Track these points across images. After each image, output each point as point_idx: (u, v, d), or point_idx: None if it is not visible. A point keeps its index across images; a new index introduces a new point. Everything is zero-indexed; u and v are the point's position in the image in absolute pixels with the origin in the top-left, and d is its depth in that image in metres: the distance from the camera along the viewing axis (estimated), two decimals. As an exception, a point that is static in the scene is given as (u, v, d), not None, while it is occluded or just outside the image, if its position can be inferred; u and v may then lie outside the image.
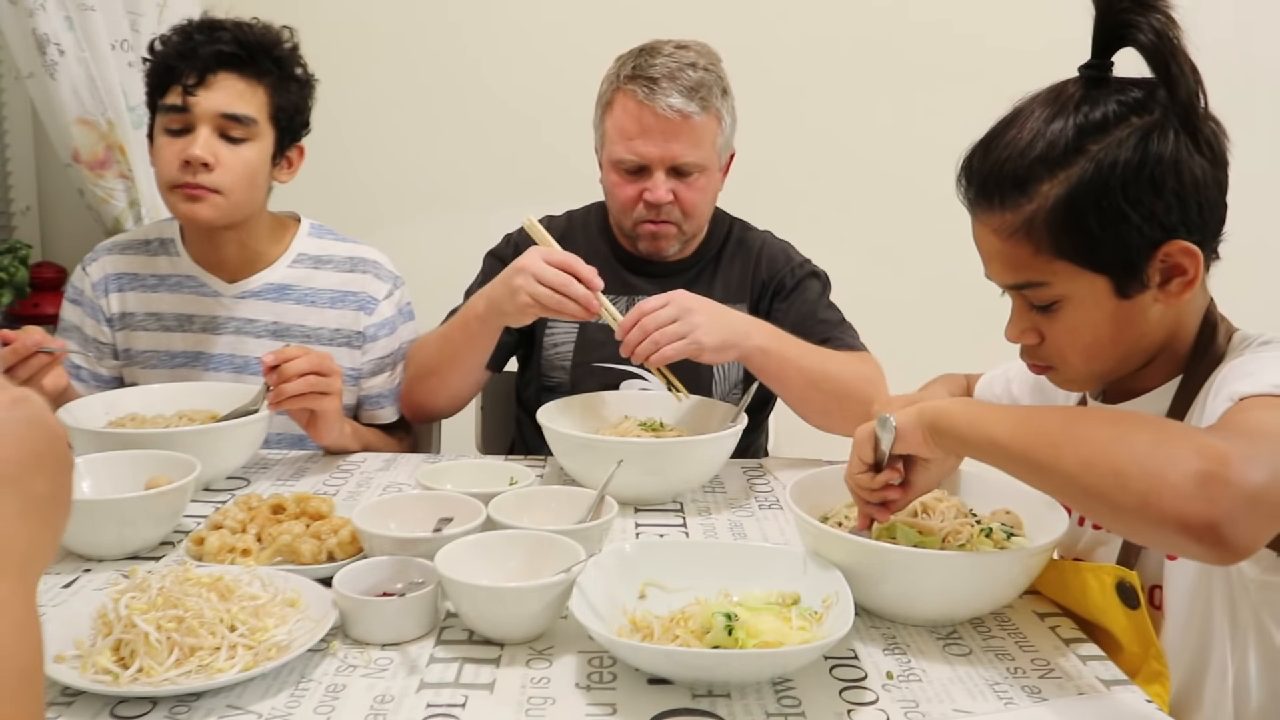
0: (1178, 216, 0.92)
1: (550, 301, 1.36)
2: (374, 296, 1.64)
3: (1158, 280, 0.95)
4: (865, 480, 0.98)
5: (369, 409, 1.67)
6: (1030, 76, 1.00)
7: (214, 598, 0.88)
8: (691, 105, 1.52)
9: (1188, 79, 0.90)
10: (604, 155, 1.63)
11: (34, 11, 1.89)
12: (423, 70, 2.44)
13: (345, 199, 2.27)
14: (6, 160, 2.35)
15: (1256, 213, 2.26)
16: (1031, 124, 0.94)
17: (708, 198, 1.62)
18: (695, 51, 1.57)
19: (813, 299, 1.65)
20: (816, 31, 2.43)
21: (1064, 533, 1.01)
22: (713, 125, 1.56)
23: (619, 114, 1.57)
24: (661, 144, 1.54)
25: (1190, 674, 0.99)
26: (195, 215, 1.51)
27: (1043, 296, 0.98)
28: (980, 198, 0.98)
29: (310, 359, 1.39)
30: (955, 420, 0.91)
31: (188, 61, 1.46)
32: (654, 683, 0.87)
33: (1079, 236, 0.93)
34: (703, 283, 1.67)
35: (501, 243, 1.74)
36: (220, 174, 1.48)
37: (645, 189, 1.57)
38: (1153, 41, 0.90)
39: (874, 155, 2.45)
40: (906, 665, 0.92)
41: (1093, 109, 0.92)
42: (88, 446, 1.28)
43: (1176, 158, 0.90)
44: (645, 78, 1.53)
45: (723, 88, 1.58)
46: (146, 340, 1.62)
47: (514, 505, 1.13)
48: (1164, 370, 1.02)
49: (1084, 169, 0.91)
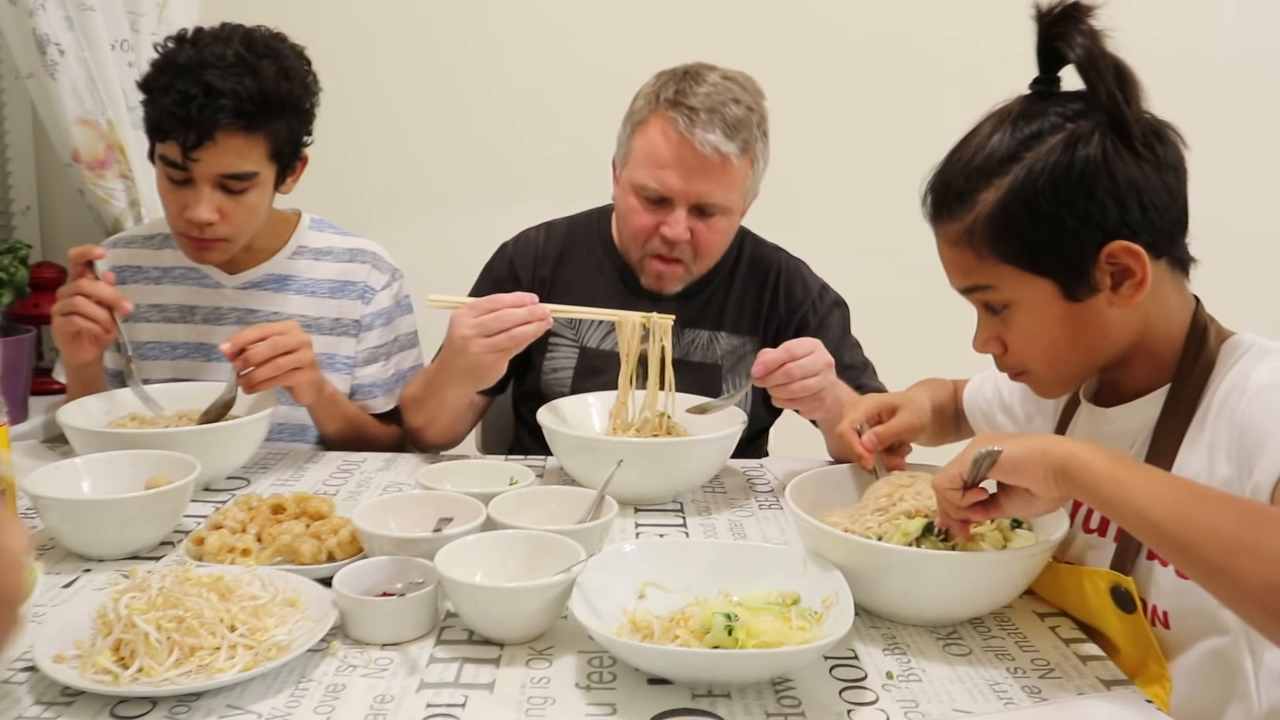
0: (1116, 217, 0.93)
1: (508, 344, 1.31)
2: (372, 286, 1.66)
3: (1108, 283, 0.96)
4: (954, 497, 0.95)
5: (361, 398, 1.68)
6: (1029, 78, 1.00)
7: (214, 598, 0.88)
8: (731, 145, 1.45)
9: (1108, 83, 0.92)
10: (625, 174, 1.54)
11: (34, 11, 1.89)
12: (423, 68, 2.43)
13: (345, 198, 2.27)
14: (6, 160, 2.35)
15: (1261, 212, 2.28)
16: (977, 140, 0.99)
17: (724, 240, 1.57)
18: (741, 85, 1.50)
19: (836, 338, 1.60)
20: (820, 30, 2.43)
21: (1064, 532, 1.01)
22: (746, 169, 1.50)
23: (653, 138, 1.48)
24: (691, 180, 1.47)
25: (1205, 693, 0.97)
26: (204, 260, 1.57)
27: (992, 299, 1.01)
28: (934, 212, 1.03)
29: (271, 343, 1.37)
30: (1096, 476, 0.86)
31: (185, 125, 1.40)
32: (654, 683, 0.87)
33: (1015, 240, 0.96)
34: (712, 310, 1.63)
35: (496, 258, 1.69)
36: (224, 225, 1.49)
37: (663, 222, 1.50)
38: (1078, 57, 0.93)
39: (875, 155, 2.45)
40: (906, 665, 0.92)
41: (1030, 121, 0.96)
42: (88, 446, 1.28)
43: (1106, 159, 0.92)
44: (686, 106, 1.45)
45: (764, 129, 1.51)
46: (149, 332, 1.63)
47: (514, 505, 1.13)
48: (1151, 373, 1.02)
49: (1016, 175, 0.95)
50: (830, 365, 1.32)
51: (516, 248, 1.68)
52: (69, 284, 1.40)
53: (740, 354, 1.63)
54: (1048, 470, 0.88)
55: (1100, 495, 0.86)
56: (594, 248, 1.66)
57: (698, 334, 1.63)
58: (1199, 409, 0.98)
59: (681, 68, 1.51)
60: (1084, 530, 1.08)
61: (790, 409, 1.41)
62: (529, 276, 1.65)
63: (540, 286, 1.62)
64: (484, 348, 1.31)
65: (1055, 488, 0.89)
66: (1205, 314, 1.03)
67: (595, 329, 1.62)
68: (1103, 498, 0.86)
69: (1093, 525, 1.07)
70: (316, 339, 1.61)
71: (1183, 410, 0.99)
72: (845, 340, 1.64)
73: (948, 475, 0.95)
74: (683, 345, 1.61)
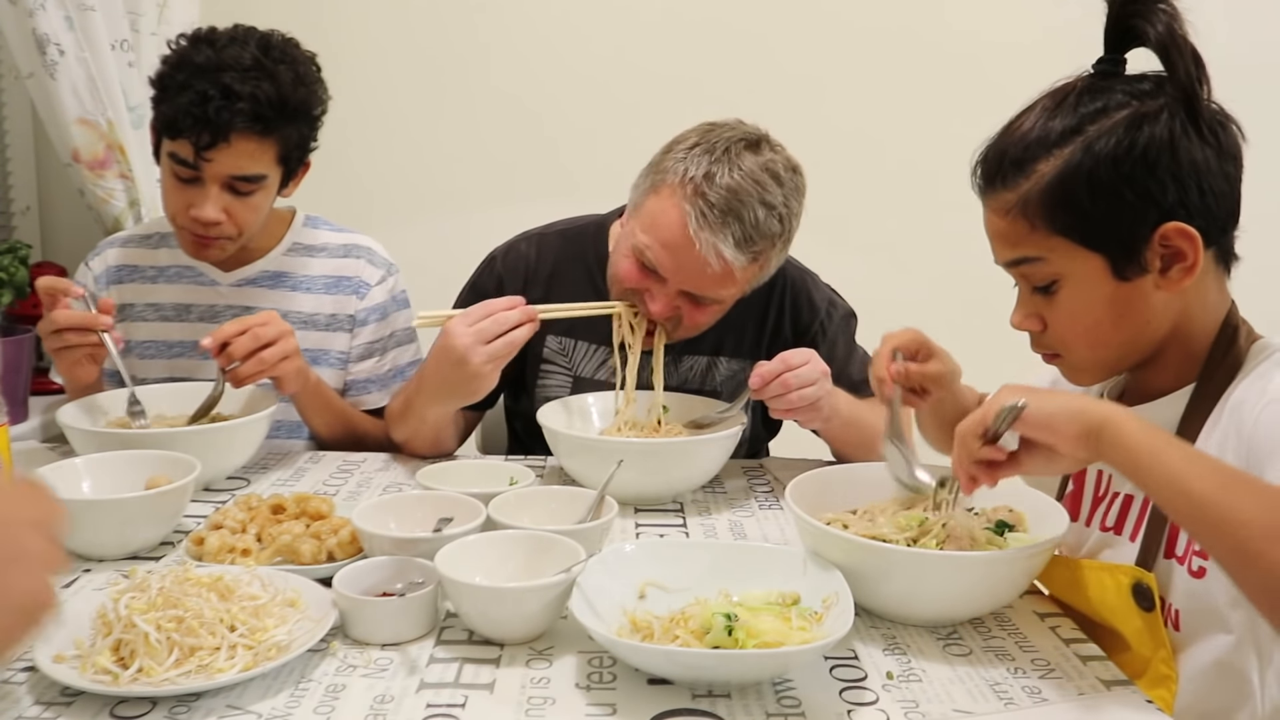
0: (1175, 198, 0.92)
1: (505, 349, 1.29)
2: (366, 281, 1.66)
3: (1158, 265, 0.95)
4: (974, 443, 0.94)
5: (354, 393, 1.68)
6: (1037, 74, 1.01)
7: (214, 598, 0.88)
8: (740, 257, 1.33)
9: (1186, 63, 0.92)
10: (631, 221, 1.42)
11: (34, 11, 1.89)
12: (423, 67, 2.43)
13: (345, 197, 2.26)
14: (6, 160, 2.35)
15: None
16: (1036, 113, 0.98)
17: (715, 318, 1.46)
18: (779, 183, 1.34)
19: (843, 357, 1.55)
20: (825, 25, 2.43)
21: (1064, 531, 1.01)
22: (752, 273, 1.38)
23: (666, 211, 1.34)
24: (686, 276, 1.36)
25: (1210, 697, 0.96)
26: (203, 257, 1.57)
27: (1040, 274, 1.00)
28: (986, 182, 1.02)
29: (252, 335, 1.36)
30: (1135, 443, 0.84)
31: (200, 125, 1.41)
32: (654, 683, 0.87)
33: (1073, 212, 0.95)
34: (710, 333, 1.51)
35: (484, 271, 1.62)
36: (228, 225, 1.50)
37: (649, 291, 1.41)
38: (1159, 35, 0.93)
39: (882, 150, 2.44)
40: (906, 665, 0.92)
41: (1095, 98, 0.95)
42: (88, 446, 1.28)
43: (1172, 139, 0.92)
44: (705, 200, 1.31)
45: (788, 236, 1.38)
46: (145, 331, 1.64)
47: (514, 505, 1.13)
48: (1179, 371, 1.01)
49: (1077, 147, 0.94)
50: (827, 374, 1.31)
51: (505, 263, 1.60)
52: (45, 319, 1.38)
53: (739, 379, 1.56)
54: (1082, 429, 0.87)
55: (1135, 462, 0.84)
56: (589, 270, 1.56)
57: (695, 360, 1.56)
58: (1215, 407, 0.97)
59: (723, 136, 1.36)
60: (1100, 529, 1.08)
61: (788, 419, 1.39)
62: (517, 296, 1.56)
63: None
64: (484, 356, 1.28)
65: (1084, 449, 0.87)
66: (1238, 315, 1.02)
67: (588, 358, 1.57)
68: (1138, 465, 0.84)
69: (1108, 524, 1.07)
70: (312, 335, 1.62)
71: (1205, 410, 0.98)
72: (853, 357, 1.58)
73: (973, 420, 0.94)
74: (680, 373, 1.55)
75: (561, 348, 1.57)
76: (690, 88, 2.36)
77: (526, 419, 1.58)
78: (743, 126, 1.39)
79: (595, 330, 1.52)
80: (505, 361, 1.32)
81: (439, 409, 1.42)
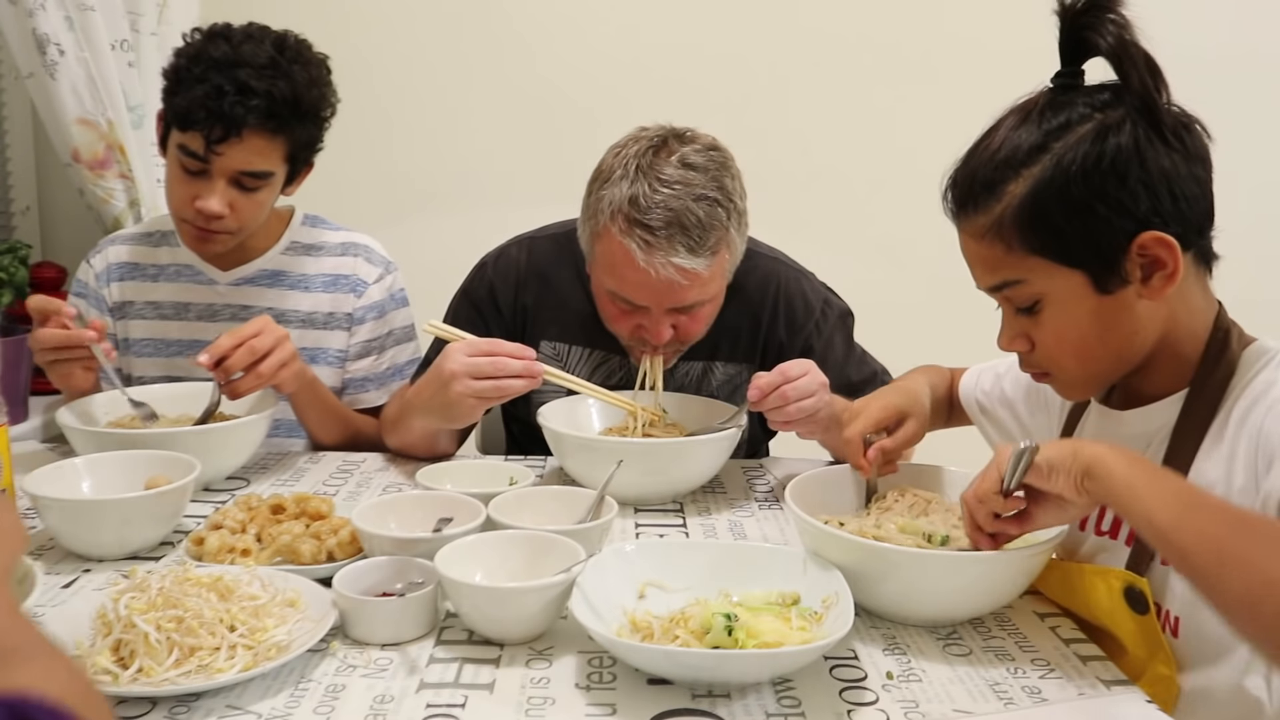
0: (1148, 206, 0.92)
1: (493, 393, 1.27)
2: (364, 280, 1.66)
3: (1139, 276, 0.95)
4: (995, 502, 0.94)
5: (352, 392, 1.67)
6: (1037, 76, 1.01)
7: (214, 598, 0.88)
8: (698, 261, 1.31)
9: (1140, 71, 0.92)
10: (593, 271, 1.42)
11: (34, 11, 1.89)
12: (423, 66, 2.43)
13: (345, 195, 2.26)
14: (6, 160, 2.35)
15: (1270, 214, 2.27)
16: (1002, 132, 0.98)
17: (713, 315, 1.45)
18: (701, 170, 1.32)
19: (840, 359, 1.54)
20: (819, 27, 2.43)
21: (1062, 534, 1.01)
22: (722, 262, 1.37)
23: (616, 253, 1.33)
24: (662, 298, 1.35)
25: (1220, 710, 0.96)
26: (205, 251, 1.58)
27: (1022, 295, 0.99)
28: (958, 207, 1.01)
29: (248, 349, 1.35)
30: (1112, 477, 0.86)
31: (214, 119, 1.41)
32: (654, 683, 0.87)
33: (1047, 231, 0.95)
34: (706, 339, 1.48)
35: (475, 278, 1.60)
36: (232, 220, 1.50)
37: (641, 325, 1.39)
38: (1109, 45, 0.93)
39: (875, 154, 2.45)
40: (906, 665, 0.92)
41: (1057, 113, 0.95)
42: (88, 446, 1.28)
43: (1138, 148, 0.92)
44: (643, 225, 1.29)
45: (737, 211, 1.36)
46: (143, 329, 1.64)
47: (514, 505, 1.13)
48: (1171, 376, 1.01)
49: (1045, 165, 0.94)
50: (825, 385, 1.30)
51: (496, 269, 1.58)
52: (31, 337, 1.38)
53: (736, 383, 1.55)
54: (1077, 472, 0.88)
55: (1116, 498, 0.86)
56: (580, 272, 1.52)
57: (691, 366, 1.55)
58: (1218, 417, 0.97)
59: (631, 153, 1.34)
60: (1095, 533, 1.08)
61: (787, 431, 1.39)
62: (509, 302, 1.56)
63: (521, 315, 1.56)
64: (468, 390, 1.26)
65: (1082, 491, 0.88)
66: (1228, 318, 1.02)
67: (582, 363, 1.55)
68: (1118, 501, 0.86)
69: (1104, 527, 1.06)
70: (310, 333, 1.62)
71: (1201, 416, 0.98)
72: (850, 357, 1.57)
73: (985, 482, 0.94)
74: (676, 379, 1.54)
75: (556, 353, 1.56)
76: (692, 89, 2.36)
77: (523, 423, 1.58)
78: (646, 133, 1.38)
79: (589, 335, 1.52)
80: (490, 404, 1.30)
81: (424, 423, 1.41)
